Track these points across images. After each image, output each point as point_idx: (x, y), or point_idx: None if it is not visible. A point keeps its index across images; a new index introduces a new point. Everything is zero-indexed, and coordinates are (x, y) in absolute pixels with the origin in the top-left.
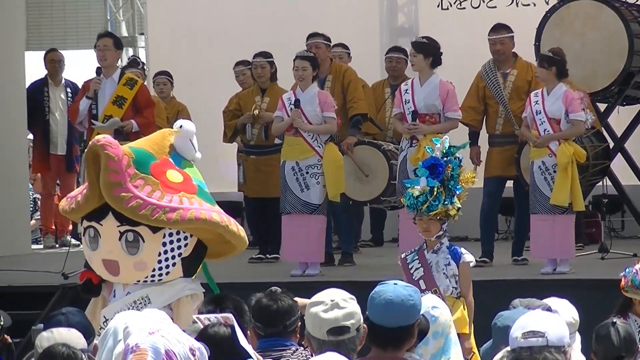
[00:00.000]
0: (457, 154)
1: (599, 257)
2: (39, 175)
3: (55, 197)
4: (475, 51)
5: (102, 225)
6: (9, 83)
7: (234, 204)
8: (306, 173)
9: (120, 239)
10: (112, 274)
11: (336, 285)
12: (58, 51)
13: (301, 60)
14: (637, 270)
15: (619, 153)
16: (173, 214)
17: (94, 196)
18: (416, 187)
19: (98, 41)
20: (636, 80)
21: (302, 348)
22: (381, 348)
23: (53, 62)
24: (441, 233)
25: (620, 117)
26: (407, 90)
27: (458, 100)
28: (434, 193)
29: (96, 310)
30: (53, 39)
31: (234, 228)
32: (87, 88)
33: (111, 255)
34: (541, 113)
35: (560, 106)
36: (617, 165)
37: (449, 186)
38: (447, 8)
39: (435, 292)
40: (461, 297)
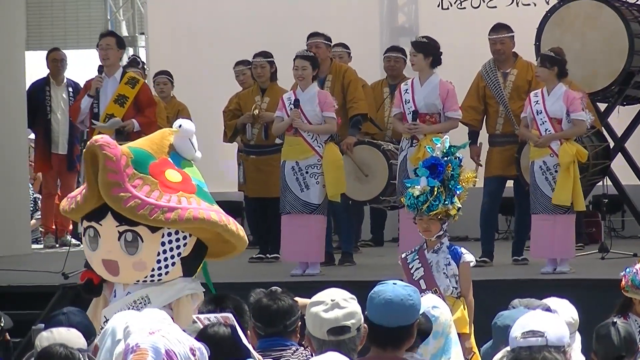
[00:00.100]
0: (458, 154)
1: (599, 257)
2: (39, 174)
3: (56, 197)
4: (475, 51)
5: (102, 225)
6: (9, 83)
7: (234, 204)
8: (306, 173)
9: (119, 239)
10: (112, 274)
11: (336, 285)
12: (60, 50)
13: (301, 59)
14: (637, 270)
15: (619, 153)
16: (171, 214)
17: (93, 196)
18: (416, 187)
19: (100, 40)
20: (636, 80)
21: (303, 348)
22: (380, 348)
23: (55, 62)
24: (441, 233)
25: (620, 117)
26: (407, 90)
27: (458, 100)
28: (435, 193)
29: (97, 310)
30: (53, 39)
31: (233, 227)
32: (89, 87)
33: (110, 255)
34: (542, 113)
35: (561, 106)
36: (618, 165)
37: (449, 186)
38: (447, 8)
39: (435, 292)
40: (461, 297)
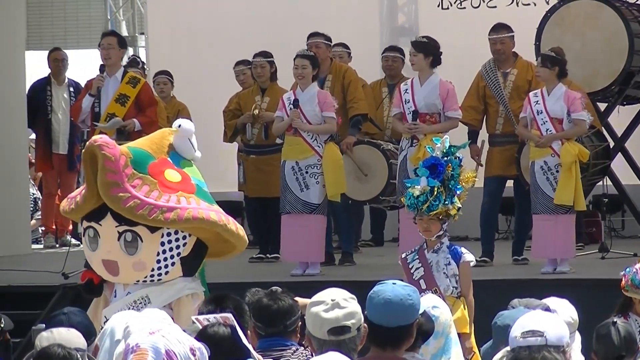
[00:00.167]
0: (458, 154)
1: (599, 257)
2: (39, 174)
3: (56, 197)
4: (475, 51)
5: (101, 225)
6: (9, 83)
7: (234, 204)
8: (306, 173)
9: (118, 239)
10: (112, 274)
11: (336, 284)
12: (62, 50)
13: (301, 58)
14: (637, 269)
15: (619, 152)
16: (170, 214)
17: (92, 196)
18: (416, 187)
19: (102, 40)
20: (636, 79)
21: (303, 348)
22: (380, 348)
23: (57, 61)
24: (441, 233)
25: (620, 117)
26: (407, 90)
27: (458, 99)
28: (435, 193)
29: (98, 310)
30: (53, 39)
31: (233, 227)
32: (90, 86)
33: (110, 255)
34: (543, 113)
35: (562, 106)
36: (618, 164)
37: (450, 186)
38: (448, 8)
39: (435, 292)
40: (461, 297)
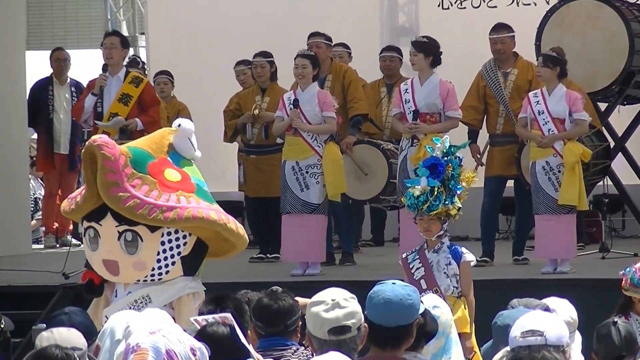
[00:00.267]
0: (458, 154)
1: (600, 257)
2: (41, 174)
3: (57, 197)
4: (475, 51)
5: (102, 225)
6: (9, 83)
7: (235, 204)
8: (306, 173)
9: (119, 239)
10: (112, 274)
11: (337, 284)
12: (64, 50)
13: (301, 58)
14: (637, 269)
15: (620, 152)
16: (170, 213)
17: (92, 196)
18: (417, 187)
19: (105, 39)
20: (637, 79)
21: (303, 347)
22: (380, 347)
23: (59, 61)
24: (442, 233)
25: (620, 117)
26: (407, 89)
27: (458, 99)
28: (435, 193)
29: (98, 310)
30: (54, 39)
31: (232, 226)
32: (93, 86)
33: (110, 255)
34: (544, 113)
35: (564, 106)
36: (618, 164)
37: (450, 186)
38: (448, 8)
39: (436, 292)
40: (462, 297)
